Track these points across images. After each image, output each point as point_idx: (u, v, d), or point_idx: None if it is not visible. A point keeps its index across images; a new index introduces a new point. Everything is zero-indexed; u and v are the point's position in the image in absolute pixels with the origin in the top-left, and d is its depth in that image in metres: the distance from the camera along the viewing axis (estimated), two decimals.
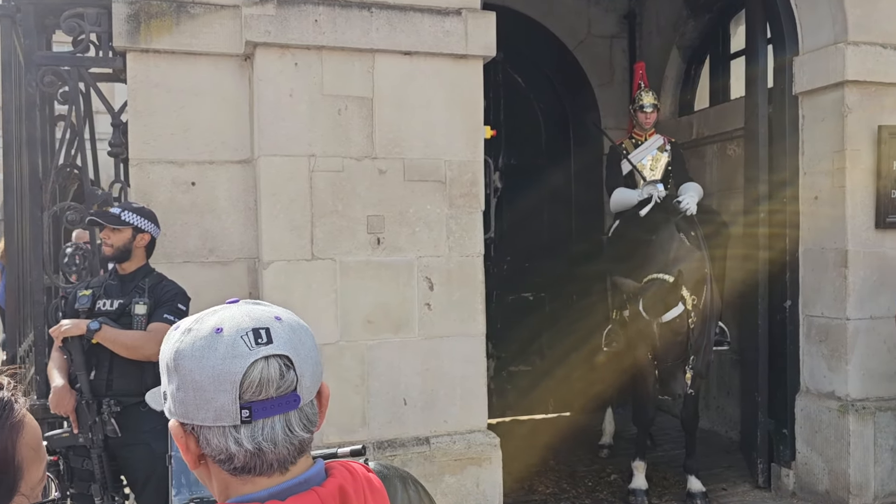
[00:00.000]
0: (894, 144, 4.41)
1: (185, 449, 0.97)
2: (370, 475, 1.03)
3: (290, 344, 0.98)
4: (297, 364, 0.97)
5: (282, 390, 0.95)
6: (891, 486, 4.41)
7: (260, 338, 0.96)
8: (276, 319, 0.99)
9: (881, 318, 4.41)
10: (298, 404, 0.97)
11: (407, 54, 3.68)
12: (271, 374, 0.95)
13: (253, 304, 1.02)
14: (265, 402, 0.94)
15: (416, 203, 3.71)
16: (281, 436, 0.95)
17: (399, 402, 3.70)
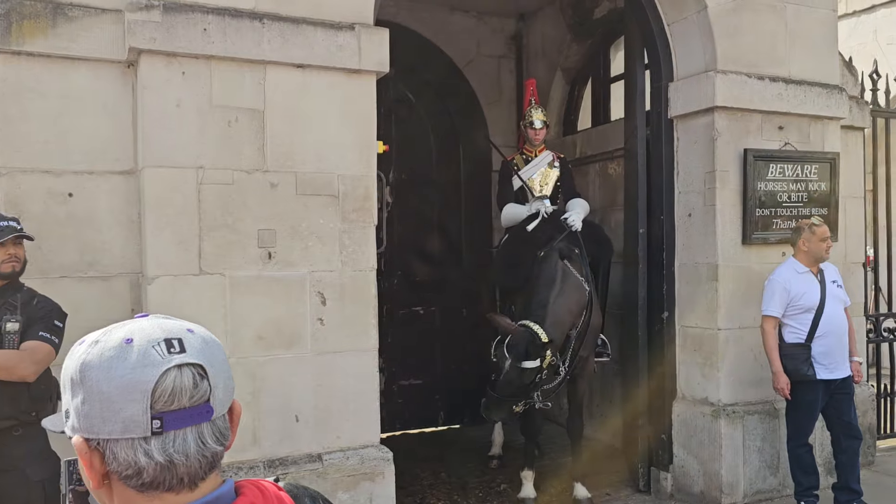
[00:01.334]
0: (758, 166, 4.77)
1: (88, 467, 0.92)
2: (281, 493, 1.01)
3: (203, 354, 0.95)
4: (210, 374, 0.94)
5: (195, 400, 0.92)
6: (758, 485, 4.73)
7: (172, 347, 0.93)
8: (189, 331, 0.97)
9: (748, 328, 4.74)
10: (212, 416, 0.94)
11: (300, 67, 3.65)
12: (185, 383, 0.91)
13: (164, 318, 0.99)
14: (178, 413, 0.91)
15: (308, 217, 3.67)
16: (193, 448, 0.92)
17: (291, 418, 3.63)
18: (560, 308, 4.54)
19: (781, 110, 4.85)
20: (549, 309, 4.49)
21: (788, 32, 4.96)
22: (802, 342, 4.40)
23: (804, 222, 4.61)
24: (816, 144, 5.02)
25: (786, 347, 4.43)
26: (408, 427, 6.90)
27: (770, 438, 4.76)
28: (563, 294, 4.61)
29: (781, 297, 4.42)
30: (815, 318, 4.40)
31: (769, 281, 4.53)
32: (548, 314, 4.46)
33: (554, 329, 4.41)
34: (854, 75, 5.70)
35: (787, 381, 4.38)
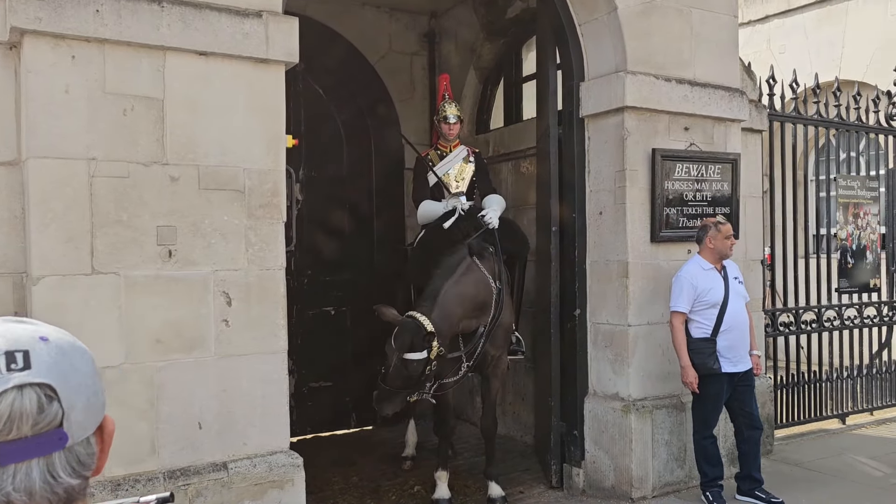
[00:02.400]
0: (666, 166, 4.87)
1: None
2: None
3: (55, 370, 0.80)
4: (63, 395, 0.80)
5: (40, 427, 0.78)
6: (666, 478, 4.83)
7: (14, 362, 0.78)
8: (42, 340, 0.82)
9: (657, 323, 4.83)
10: (66, 443, 0.80)
11: (202, 55, 3.45)
12: (26, 408, 0.77)
13: (14, 323, 0.84)
14: (17, 444, 0.77)
15: (212, 213, 3.48)
16: (39, 484, 0.78)
17: (193, 426, 3.43)
18: (451, 300, 4.48)
19: (687, 111, 4.97)
20: (439, 300, 4.45)
21: (694, 36, 5.09)
22: (708, 337, 4.54)
23: (709, 220, 4.75)
24: (719, 145, 5.17)
25: (693, 342, 4.55)
26: (318, 430, 6.73)
27: (677, 431, 4.87)
28: (458, 285, 4.55)
29: (689, 294, 4.54)
30: (720, 314, 4.54)
31: (676, 278, 4.64)
32: (437, 305, 4.42)
33: (442, 321, 4.35)
34: (753, 80, 5.92)
35: (696, 375, 4.50)
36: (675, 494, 4.83)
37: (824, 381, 6.51)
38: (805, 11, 10.46)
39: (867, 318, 6.83)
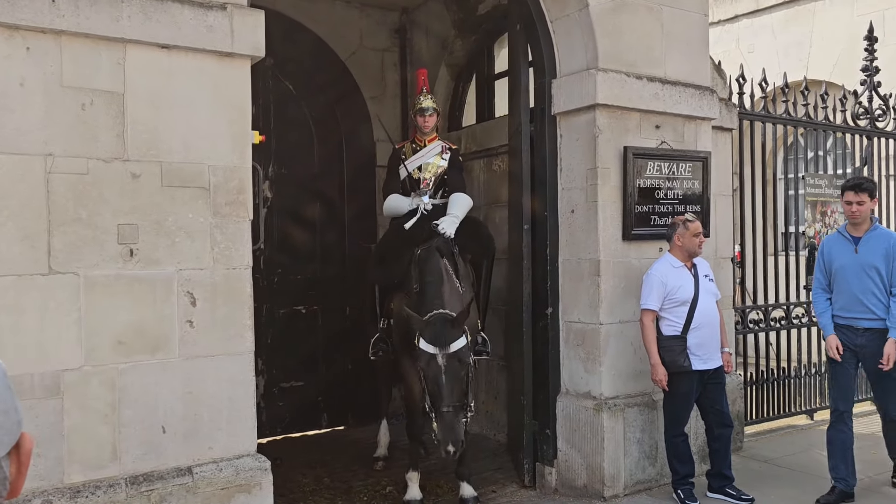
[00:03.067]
0: (637, 164, 4.86)
1: None
2: None
3: None
4: None
5: None
6: (637, 476, 4.82)
7: None
8: None
9: (628, 322, 4.83)
10: None
11: (165, 48, 3.36)
12: None
13: None
14: None
15: (176, 211, 3.39)
16: None
17: (157, 430, 3.34)
18: (453, 303, 4.44)
19: (658, 110, 4.97)
20: (445, 301, 4.39)
21: (664, 34, 5.09)
22: (678, 334, 4.54)
23: (678, 218, 4.76)
24: (690, 144, 5.18)
25: (663, 340, 4.56)
26: (289, 431, 6.64)
27: (649, 429, 4.87)
28: (450, 289, 4.53)
29: (659, 291, 4.54)
30: (690, 311, 4.55)
31: (647, 275, 4.64)
32: (445, 304, 4.36)
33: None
34: (723, 78, 5.95)
35: (665, 373, 4.50)
36: (647, 492, 4.82)
37: (793, 377, 6.57)
38: (773, 12, 10.57)
39: None
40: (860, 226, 4.61)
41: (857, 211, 4.56)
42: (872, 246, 4.55)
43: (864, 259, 4.54)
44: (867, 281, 4.52)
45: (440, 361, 4.08)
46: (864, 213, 4.57)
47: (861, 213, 4.56)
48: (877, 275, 4.50)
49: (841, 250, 4.66)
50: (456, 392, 4.11)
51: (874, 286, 4.50)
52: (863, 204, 4.54)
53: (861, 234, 4.60)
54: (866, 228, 4.59)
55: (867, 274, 4.52)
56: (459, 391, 4.13)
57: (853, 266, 4.57)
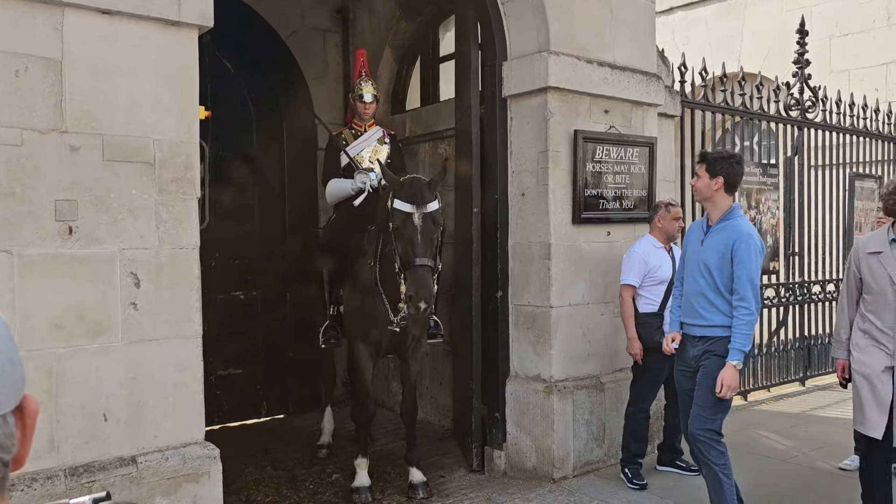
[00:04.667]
0: (588, 148, 4.88)
1: None
2: None
3: None
4: None
5: None
6: (586, 457, 4.87)
7: None
8: None
9: (578, 305, 4.86)
10: None
11: (106, 13, 3.15)
12: None
13: None
14: None
15: (118, 187, 3.20)
16: None
17: (99, 418, 3.16)
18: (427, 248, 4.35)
19: (608, 94, 5.00)
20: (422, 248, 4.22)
21: (614, 19, 5.11)
22: (655, 312, 4.69)
23: (661, 201, 4.94)
24: (637, 129, 5.23)
25: (640, 317, 4.70)
26: (227, 420, 6.45)
27: (597, 411, 4.92)
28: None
29: (640, 268, 4.69)
30: (668, 290, 4.68)
31: (629, 253, 4.79)
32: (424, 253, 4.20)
33: None
34: (667, 66, 6.04)
35: (640, 347, 4.64)
36: (595, 473, 4.88)
37: None
38: (707, 5, 10.83)
39: (767, 300, 7.14)
40: (711, 211, 3.87)
41: (693, 185, 3.99)
42: (716, 239, 3.78)
43: (704, 254, 3.81)
44: (700, 281, 3.82)
45: (416, 220, 4.04)
46: (702, 190, 3.83)
47: (697, 188, 3.89)
48: (709, 275, 3.77)
49: (692, 239, 3.98)
50: (429, 248, 4.06)
51: (707, 288, 3.79)
52: (699, 179, 3.83)
53: (713, 223, 3.84)
54: (718, 216, 3.81)
55: (700, 272, 3.81)
56: (432, 251, 4.09)
57: (693, 260, 3.88)
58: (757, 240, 3.75)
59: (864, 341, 3.78)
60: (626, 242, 5.12)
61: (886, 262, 3.66)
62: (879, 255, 3.70)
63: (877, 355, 3.70)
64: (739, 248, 3.67)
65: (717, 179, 3.76)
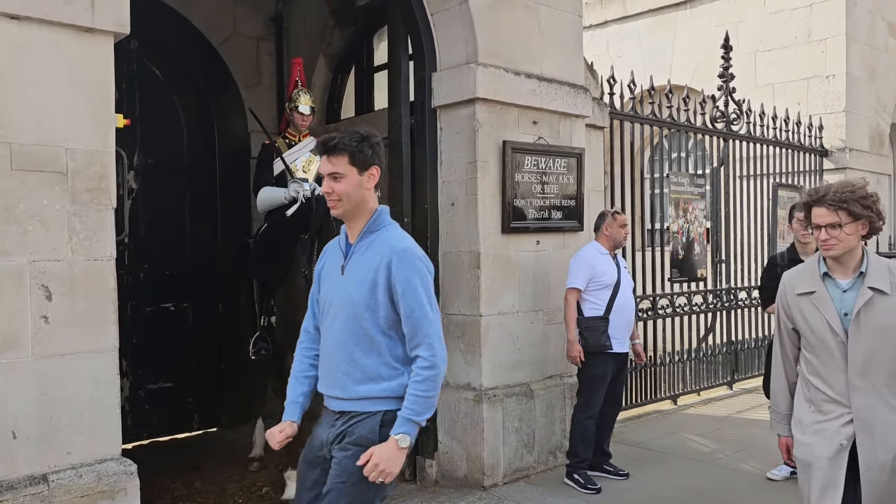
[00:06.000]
0: (516, 158, 4.95)
1: None
2: None
3: None
4: None
5: None
6: (516, 464, 4.91)
7: None
8: None
9: (508, 313, 4.91)
10: None
11: (15, 18, 3.07)
12: None
13: None
14: None
15: (28, 197, 3.10)
16: None
17: (6, 436, 3.05)
18: None
19: (536, 105, 5.08)
20: None
21: (541, 32, 5.20)
22: (601, 315, 4.81)
23: (608, 210, 5.15)
24: (565, 140, 5.33)
25: (586, 321, 4.81)
26: (157, 435, 6.30)
27: (527, 419, 4.97)
28: None
29: (586, 272, 4.81)
30: (613, 295, 4.83)
31: (575, 258, 4.91)
32: None
33: None
34: (596, 79, 6.17)
35: (580, 350, 4.75)
36: (525, 480, 4.92)
37: (659, 364, 6.92)
38: (640, 19, 11.10)
39: (695, 306, 7.34)
40: (352, 223, 2.53)
41: (332, 193, 2.47)
42: (362, 263, 2.47)
43: (346, 287, 2.48)
44: (343, 328, 2.46)
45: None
46: (351, 195, 2.45)
47: (343, 192, 2.45)
48: (356, 319, 2.43)
49: (329, 269, 2.61)
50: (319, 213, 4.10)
51: (352, 338, 2.45)
52: (344, 178, 2.45)
53: (354, 239, 2.53)
54: (358, 231, 2.51)
55: (344, 316, 2.47)
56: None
57: (330, 300, 2.54)
58: (422, 258, 2.46)
59: (809, 416, 2.79)
60: (555, 251, 5.20)
61: (822, 304, 2.72)
62: (811, 296, 2.75)
63: (826, 435, 2.72)
64: (399, 270, 2.40)
65: (370, 173, 2.49)
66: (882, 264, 2.73)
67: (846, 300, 2.71)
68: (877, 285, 2.67)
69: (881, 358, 2.66)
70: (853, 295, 2.70)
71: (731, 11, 10.06)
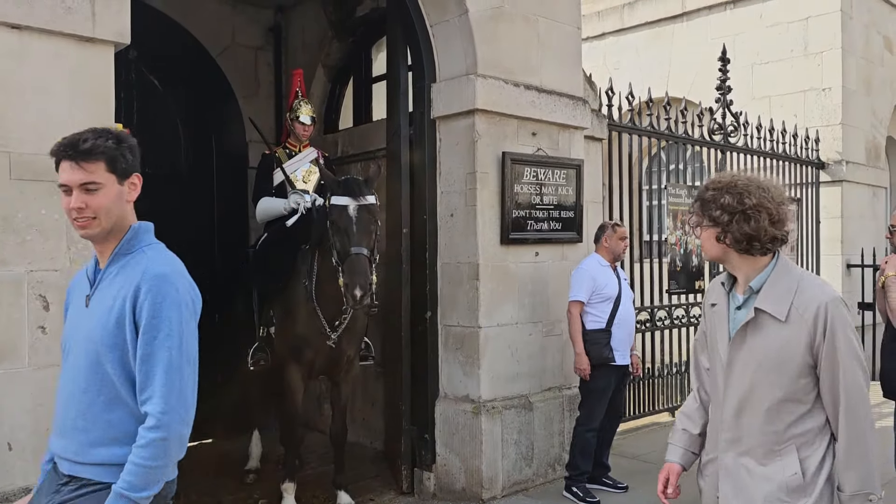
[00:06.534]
0: (515, 169, 4.95)
1: None
2: None
3: None
4: None
5: None
6: (515, 477, 4.88)
7: None
8: None
9: (506, 325, 4.89)
10: None
11: (16, 28, 3.07)
12: None
13: None
14: None
15: (27, 206, 3.09)
16: None
17: (2, 447, 3.02)
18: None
19: (535, 117, 5.08)
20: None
21: (540, 44, 5.22)
22: (603, 328, 4.79)
23: (608, 222, 5.13)
24: (564, 151, 5.33)
25: (589, 333, 4.79)
26: None
27: (526, 431, 4.95)
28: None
29: (588, 285, 4.79)
30: (614, 307, 4.82)
31: (577, 270, 4.89)
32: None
33: None
34: (594, 90, 6.18)
35: (588, 362, 4.73)
36: (524, 493, 4.90)
37: (657, 376, 6.90)
38: (637, 31, 11.14)
39: (693, 318, 7.32)
40: (102, 247, 2.03)
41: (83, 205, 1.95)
42: (109, 292, 1.97)
43: (89, 322, 1.97)
44: (86, 372, 1.94)
45: (352, 211, 4.10)
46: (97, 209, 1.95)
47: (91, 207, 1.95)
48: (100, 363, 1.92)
49: (74, 300, 2.11)
50: (365, 239, 4.10)
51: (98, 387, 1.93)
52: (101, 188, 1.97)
53: (104, 264, 2.04)
54: (112, 248, 2.01)
55: (85, 359, 1.94)
56: (369, 241, 4.13)
57: (80, 335, 1.99)
58: (187, 287, 2.02)
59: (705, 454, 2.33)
60: (553, 263, 5.19)
61: (718, 320, 2.22)
62: (713, 308, 2.26)
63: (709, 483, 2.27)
64: (147, 297, 1.90)
65: (132, 181, 2.07)
66: (790, 280, 2.08)
67: (737, 320, 2.15)
68: (767, 308, 2.06)
69: (758, 400, 2.08)
70: (744, 314, 2.13)
71: (728, 24, 10.11)
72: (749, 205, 2.07)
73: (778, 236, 2.10)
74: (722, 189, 2.13)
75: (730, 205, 2.09)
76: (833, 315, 2.01)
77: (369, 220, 4.17)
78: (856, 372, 2.02)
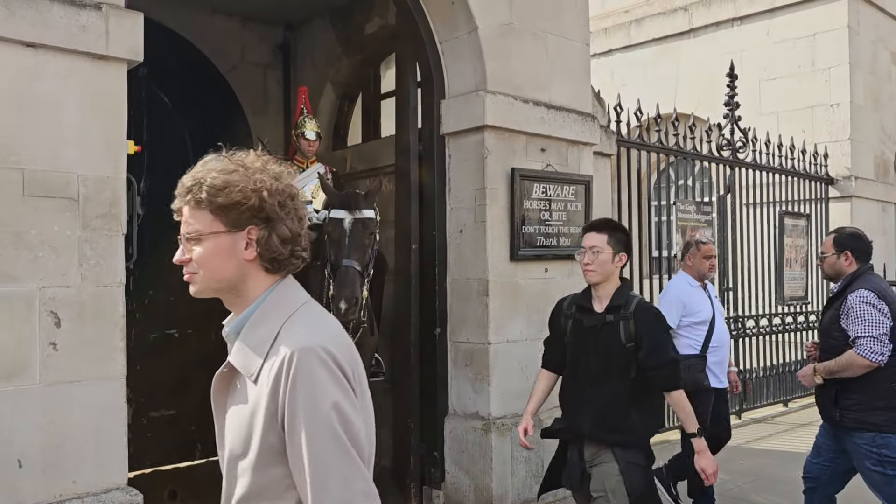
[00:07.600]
0: (524, 185, 4.95)
1: None
2: None
3: None
4: None
5: None
6: (525, 495, 4.84)
7: None
8: None
9: (516, 341, 4.87)
10: None
11: (31, 46, 3.09)
12: None
13: None
14: None
15: (39, 223, 3.10)
16: None
17: (12, 464, 3.01)
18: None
19: (544, 133, 5.09)
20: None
21: (549, 61, 5.23)
22: (698, 353, 4.42)
23: (692, 239, 4.79)
24: (573, 167, 5.33)
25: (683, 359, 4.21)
26: (159, 463, 6.22)
27: (536, 448, 4.89)
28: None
29: (677, 309, 4.41)
30: (709, 331, 4.46)
31: (665, 293, 4.65)
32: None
33: None
34: (603, 106, 6.19)
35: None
36: None
37: None
38: (644, 48, 11.19)
39: None
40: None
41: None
42: None
43: None
44: None
45: (346, 224, 4.12)
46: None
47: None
48: None
49: None
50: (357, 252, 4.09)
51: None
52: None
53: None
54: None
55: None
56: (361, 254, 4.12)
57: None
58: None
59: None
60: (563, 279, 5.17)
61: None
62: None
63: None
64: None
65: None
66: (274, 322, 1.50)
67: None
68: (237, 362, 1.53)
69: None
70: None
71: (735, 40, 10.14)
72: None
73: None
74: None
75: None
76: (297, 369, 1.39)
77: (363, 234, 4.17)
78: (325, 440, 1.38)
